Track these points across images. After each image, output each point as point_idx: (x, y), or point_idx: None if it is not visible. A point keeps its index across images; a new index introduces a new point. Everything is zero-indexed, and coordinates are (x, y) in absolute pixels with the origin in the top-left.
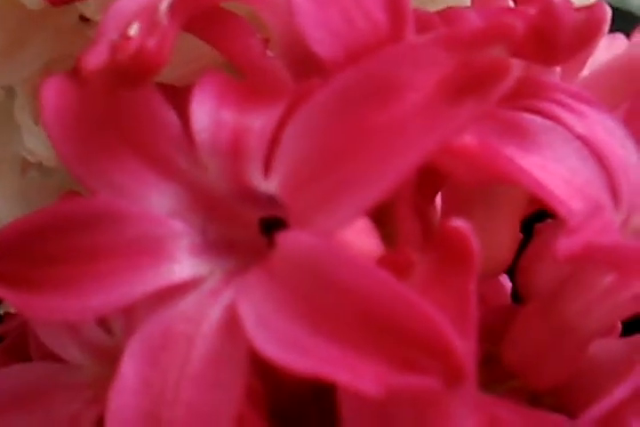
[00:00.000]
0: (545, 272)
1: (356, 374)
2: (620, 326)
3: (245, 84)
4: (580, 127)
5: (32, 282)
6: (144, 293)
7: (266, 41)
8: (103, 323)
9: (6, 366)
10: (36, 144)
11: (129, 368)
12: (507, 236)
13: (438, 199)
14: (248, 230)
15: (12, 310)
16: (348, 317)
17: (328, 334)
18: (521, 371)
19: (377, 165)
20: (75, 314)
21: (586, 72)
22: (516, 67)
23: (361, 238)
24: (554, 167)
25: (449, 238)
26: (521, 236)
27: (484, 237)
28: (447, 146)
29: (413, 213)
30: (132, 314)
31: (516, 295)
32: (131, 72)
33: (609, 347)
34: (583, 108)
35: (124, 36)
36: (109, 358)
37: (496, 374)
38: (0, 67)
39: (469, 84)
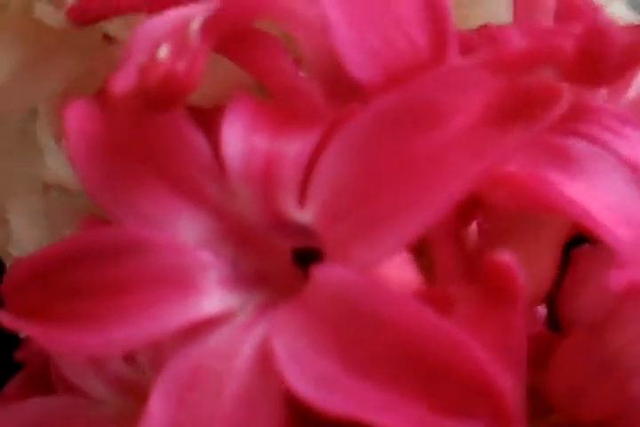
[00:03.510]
0: (588, 301)
1: (398, 417)
2: None
3: (278, 107)
4: (626, 152)
5: (55, 316)
6: (172, 328)
7: (298, 62)
8: (128, 356)
9: (27, 395)
10: (57, 166)
11: (157, 408)
12: (547, 264)
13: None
14: (280, 261)
15: None
16: (387, 356)
17: (367, 374)
18: (564, 405)
19: (420, 194)
20: (99, 350)
21: (632, 93)
22: (568, 92)
23: (399, 271)
24: (600, 195)
25: (494, 273)
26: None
27: (524, 266)
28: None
29: (452, 243)
30: (159, 348)
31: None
32: (160, 96)
33: None
34: (629, 131)
35: (153, 59)
36: (134, 393)
37: (536, 407)
38: (23, 86)
39: (517, 109)
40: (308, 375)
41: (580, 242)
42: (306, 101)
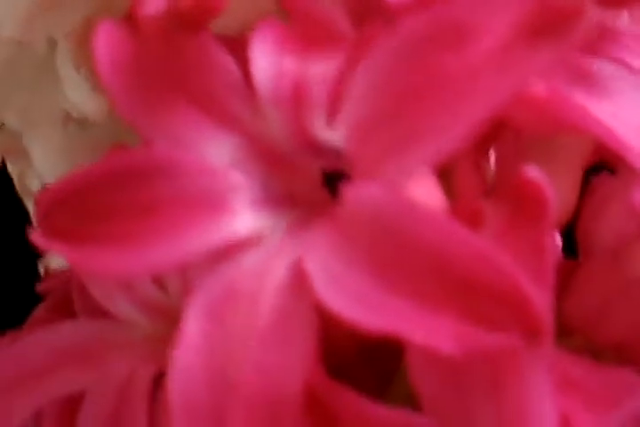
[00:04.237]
0: (609, 226)
1: (432, 331)
2: None
3: (304, 29)
4: None
5: (88, 236)
6: (205, 248)
7: None
8: (158, 280)
9: (51, 320)
10: (78, 97)
11: (192, 326)
12: (569, 187)
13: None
14: (309, 183)
15: (53, 268)
16: (420, 271)
17: (400, 290)
18: (584, 326)
19: (450, 113)
20: (133, 269)
21: None
22: (591, 9)
23: (427, 192)
24: (625, 115)
25: (524, 189)
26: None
27: None
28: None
29: (473, 166)
30: (188, 271)
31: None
32: (191, 17)
33: None
34: None
35: None
36: (164, 316)
37: (556, 329)
38: (42, 18)
39: (545, 26)
40: (343, 293)
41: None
42: (330, 23)
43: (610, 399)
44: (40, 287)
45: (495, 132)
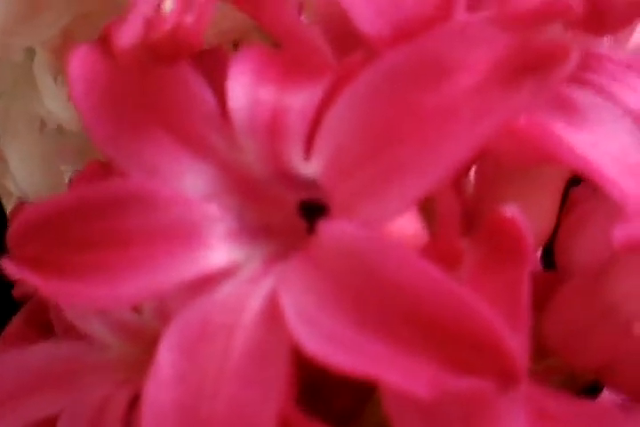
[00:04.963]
0: (588, 245)
1: (407, 375)
2: None
3: (284, 58)
4: (631, 101)
5: (60, 267)
6: (179, 280)
7: (300, 6)
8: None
9: (27, 337)
10: (55, 106)
11: (165, 360)
12: (548, 209)
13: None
14: (286, 214)
15: None
16: (395, 313)
17: (374, 331)
18: (561, 348)
19: (430, 150)
20: (108, 302)
21: (633, 43)
22: (577, 49)
23: (404, 225)
24: (605, 146)
25: (500, 228)
26: None
27: (524, 212)
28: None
29: (454, 195)
30: (163, 297)
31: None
32: (166, 50)
33: None
34: (634, 79)
35: (160, 12)
36: (139, 339)
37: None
38: (20, 28)
39: (528, 65)
40: (315, 331)
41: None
42: (311, 49)
43: None
44: (16, 293)
45: (475, 157)
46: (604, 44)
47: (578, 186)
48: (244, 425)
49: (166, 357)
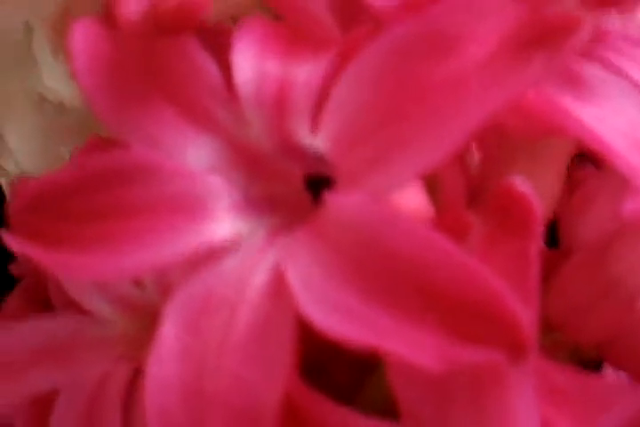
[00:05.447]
0: (592, 221)
1: (415, 346)
2: None
3: (288, 30)
4: (639, 77)
5: (63, 239)
6: (183, 253)
7: None
8: (134, 278)
9: (26, 311)
10: (55, 82)
11: (168, 334)
12: (552, 183)
13: None
14: (291, 187)
15: None
16: (403, 284)
17: (382, 303)
18: (565, 324)
19: (438, 122)
20: (110, 274)
21: None
22: (587, 21)
23: (411, 199)
24: (613, 120)
25: (509, 200)
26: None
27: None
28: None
29: (459, 168)
30: (165, 270)
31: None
32: (172, 21)
33: None
34: None
35: None
36: (139, 313)
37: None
38: (19, 3)
39: (538, 37)
40: (322, 303)
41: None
42: (315, 22)
43: (594, 407)
44: (15, 269)
45: (479, 131)
46: (612, 21)
47: (580, 166)
48: (247, 399)
49: (169, 330)
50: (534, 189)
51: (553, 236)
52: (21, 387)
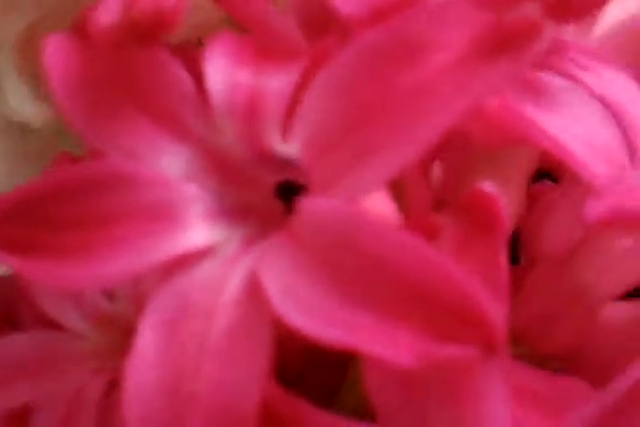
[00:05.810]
0: (554, 234)
1: (390, 344)
2: None
3: (259, 42)
4: (597, 87)
5: (38, 248)
6: (159, 260)
7: None
8: (107, 291)
9: None
10: (20, 103)
11: (146, 341)
12: (515, 197)
13: None
14: (264, 195)
15: None
16: (377, 285)
17: (357, 303)
18: (529, 335)
19: (406, 127)
20: (85, 283)
21: (597, 32)
22: (549, 26)
23: (378, 204)
24: (575, 128)
25: (477, 203)
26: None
27: None
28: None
29: (422, 177)
30: (137, 281)
31: None
32: (146, 29)
33: (619, 310)
34: (598, 66)
35: None
36: (112, 327)
37: None
38: None
39: (503, 43)
40: (300, 306)
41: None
42: (280, 36)
43: (564, 407)
44: None
45: (443, 140)
46: (569, 33)
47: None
48: (227, 404)
49: (146, 337)
50: None
51: (513, 252)
52: None
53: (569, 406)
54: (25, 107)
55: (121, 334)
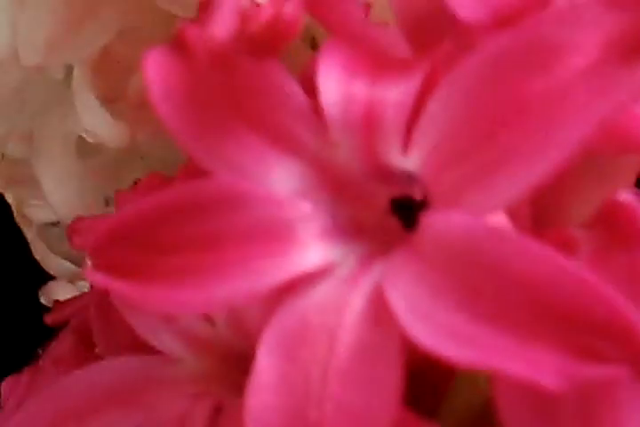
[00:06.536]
0: None
1: (534, 366)
2: None
3: (372, 51)
4: None
5: (148, 273)
6: (275, 282)
7: (367, 6)
8: (204, 314)
9: (83, 357)
10: (95, 124)
11: (266, 364)
12: None
13: None
14: (379, 212)
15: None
16: (514, 301)
17: (494, 322)
18: None
19: (541, 136)
20: (202, 306)
21: None
22: None
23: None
24: None
25: (618, 214)
26: None
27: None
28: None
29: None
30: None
31: None
32: (265, 42)
33: None
34: None
35: (256, 2)
36: (212, 351)
37: None
38: (61, 44)
39: None
40: (431, 326)
41: None
42: (378, 45)
43: None
44: (50, 319)
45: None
46: None
47: None
48: None
49: (266, 361)
50: None
51: None
52: None
53: None
54: (99, 127)
55: (219, 358)
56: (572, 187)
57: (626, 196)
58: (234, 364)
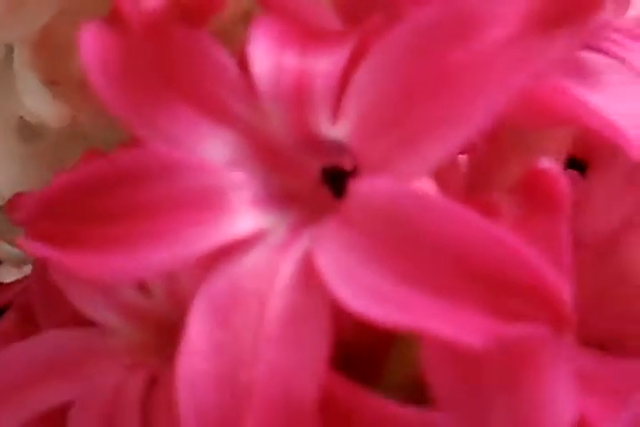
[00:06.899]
0: (591, 221)
1: (459, 326)
2: None
3: (302, 24)
4: (638, 65)
5: (83, 241)
6: (207, 248)
7: None
8: (140, 284)
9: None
10: (36, 104)
11: (197, 331)
12: None
13: None
14: (310, 181)
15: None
16: (439, 264)
17: (419, 284)
18: (579, 320)
19: (462, 104)
20: (135, 273)
21: (633, 12)
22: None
23: (423, 186)
24: (621, 106)
25: (539, 180)
26: None
27: None
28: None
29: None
30: (173, 274)
31: None
32: (196, 13)
33: None
34: (637, 46)
35: None
36: (148, 322)
37: None
38: (4, 21)
39: (561, 15)
40: (359, 288)
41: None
42: (310, 19)
43: (624, 392)
44: None
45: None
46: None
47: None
48: (286, 389)
49: (198, 327)
50: None
51: None
52: (33, 402)
53: (630, 390)
54: (41, 108)
55: (155, 329)
56: (501, 157)
57: (547, 164)
58: (169, 335)
